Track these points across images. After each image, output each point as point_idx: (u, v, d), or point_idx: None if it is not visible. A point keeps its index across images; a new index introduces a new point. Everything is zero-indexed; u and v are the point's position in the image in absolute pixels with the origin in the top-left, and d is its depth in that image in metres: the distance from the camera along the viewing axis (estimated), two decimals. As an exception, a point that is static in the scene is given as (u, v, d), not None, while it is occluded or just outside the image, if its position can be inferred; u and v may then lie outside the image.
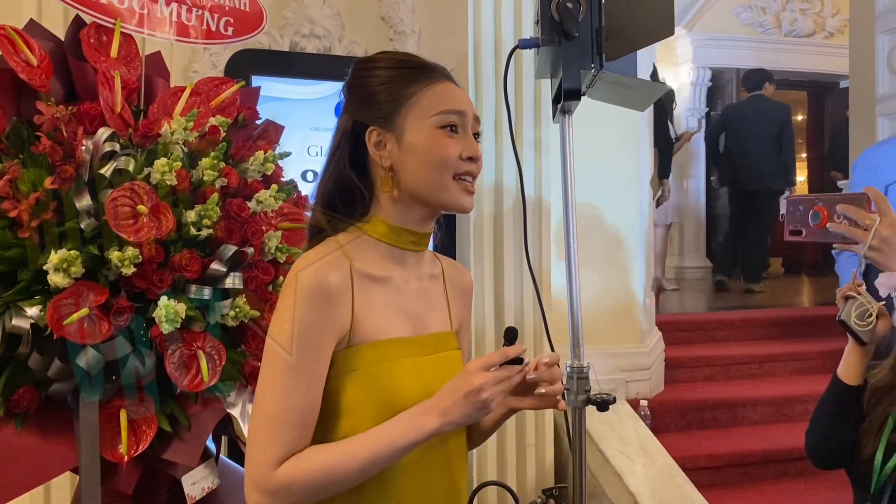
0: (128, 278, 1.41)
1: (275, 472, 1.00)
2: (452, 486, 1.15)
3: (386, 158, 1.11)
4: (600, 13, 2.02)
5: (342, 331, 1.06)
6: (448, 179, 1.10)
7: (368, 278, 1.10)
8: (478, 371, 1.02)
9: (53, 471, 1.44)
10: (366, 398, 1.06)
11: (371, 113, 1.12)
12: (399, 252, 1.15)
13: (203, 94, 1.71)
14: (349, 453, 1.02)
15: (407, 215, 1.13)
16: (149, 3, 1.69)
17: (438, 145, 1.09)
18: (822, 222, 1.38)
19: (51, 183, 1.37)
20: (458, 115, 1.11)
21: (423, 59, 1.17)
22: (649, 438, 3.18)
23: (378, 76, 1.13)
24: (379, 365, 1.08)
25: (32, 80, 1.47)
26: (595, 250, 3.62)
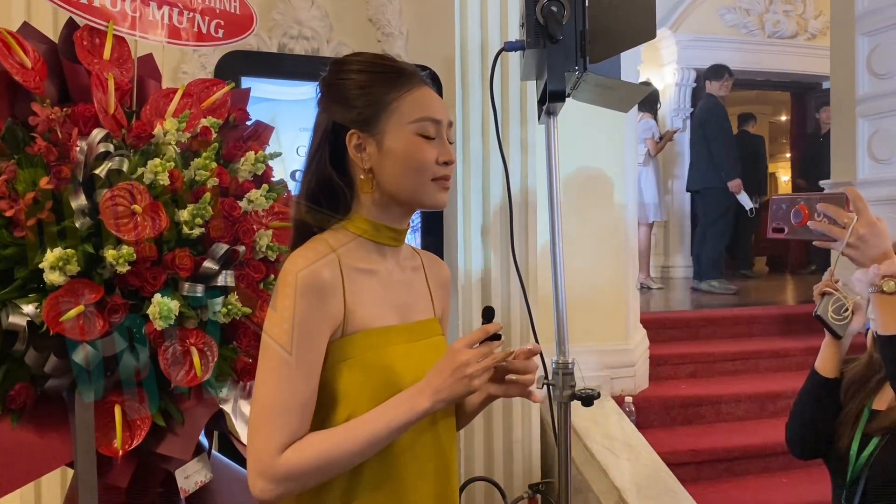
0: (122, 276, 1.44)
1: (278, 459, 1.05)
2: (443, 463, 1.20)
3: (366, 161, 1.16)
4: (584, 16, 2.06)
5: (336, 322, 1.11)
6: (426, 182, 1.16)
7: (357, 271, 1.15)
8: (462, 349, 1.09)
9: (49, 465, 1.46)
10: (361, 384, 1.11)
11: (351, 116, 1.16)
12: (380, 247, 1.21)
13: (194, 96, 1.74)
14: (348, 437, 1.07)
15: (386, 213, 1.19)
16: (141, 6, 1.72)
17: (418, 151, 1.14)
18: (803, 220, 1.44)
19: (46, 183, 1.39)
20: (434, 122, 1.17)
21: (400, 63, 1.21)
22: (634, 434, 3.24)
23: (357, 79, 1.17)
24: (372, 352, 1.13)
25: (27, 82, 1.49)
26: (581, 249, 3.67)
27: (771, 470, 3.41)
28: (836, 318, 1.50)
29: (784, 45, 7.75)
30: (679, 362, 4.12)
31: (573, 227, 3.65)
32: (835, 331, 1.53)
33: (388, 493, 1.14)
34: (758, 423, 3.67)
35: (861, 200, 1.34)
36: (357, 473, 1.12)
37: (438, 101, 1.20)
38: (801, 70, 7.83)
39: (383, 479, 1.13)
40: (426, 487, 1.18)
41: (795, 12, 7.76)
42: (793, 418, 1.68)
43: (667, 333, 4.42)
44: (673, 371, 4.07)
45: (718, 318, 4.69)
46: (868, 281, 1.34)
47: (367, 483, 1.13)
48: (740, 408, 3.76)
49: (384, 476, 1.13)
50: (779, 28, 7.74)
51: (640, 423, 3.43)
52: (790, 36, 7.79)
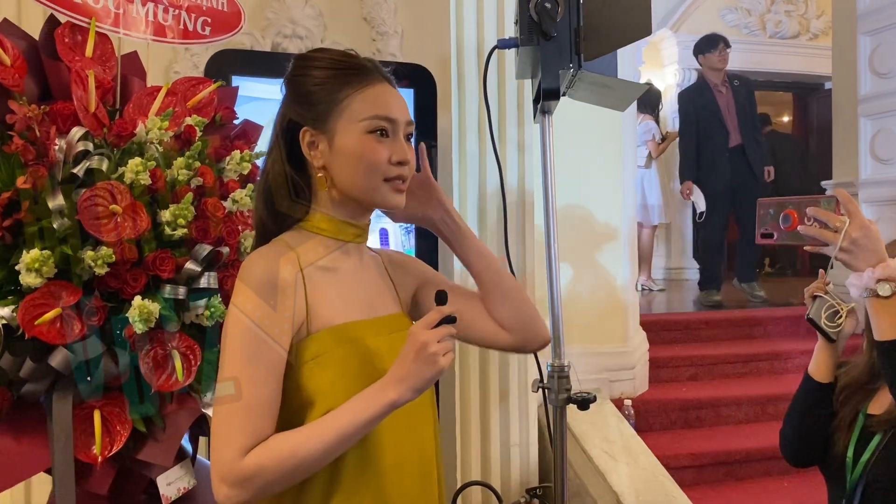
0: (101, 278, 1.41)
1: (241, 463, 1.01)
2: (425, 460, 1.19)
3: (318, 158, 1.14)
4: (578, 13, 2.03)
5: (297, 321, 1.09)
6: (378, 182, 1.14)
7: (319, 270, 1.13)
8: (420, 330, 1.06)
9: (27, 471, 1.43)
10: (333, 380, 1.09)
11: (305, 113, 1.15)
12: (343, 244, 1.19)
13: (179, 94, 1.71)
14: (313, 436, 1.04)
15: (345, 209, 1.17)
16: (124, 2, 1.69)
17: (367, 150, 1.12)
18: (792, 225, 1.40)
19: (23, 182, 1.36)
20: (387, 120, 1.14)
21: (361, 60, 1.19)
22: (633, 438, 3.20)
23: (314, 76, 1.15)
24: (341, 347, 1.11)
25: (5, 80, 1.46)
26: (579, 250, 3.64)
27: (772, 474, 3.37)
28: (829, 323, 1.47)
29: (786, 46, 7.71)
30: (680, 365, 4.09)
31: (571, 229, 3.62)
32: (828, 334, 1.49)
33: (369, 491, 1.11)
34: (759, 427, 3.64)
35: (852, 203, 1.31)
36: (337, 473, 1.09)
37: (396, 98, 1.18)
38: (803, 70, 7.79)
39: (363, 478, 1.11)
40: (408, 486, 1.15)
41: (797, 12, 7.72)
42: (786, 424, 1.64)
43: (667, 335, 4.38)
44: (673, 374, 4.04)
45: (720, 321, 4.65)
46: (862, 285, 1.30)
47: (347, 482, 1.10)
48: (741, 411, 3.72)
49: (364, 475, 1.11)
50: (780, 28, 7.70)
51: (639, 427, 3.39)
52: (792, 36, 7.75)
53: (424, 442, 1.19)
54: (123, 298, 1.44)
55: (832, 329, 1.48)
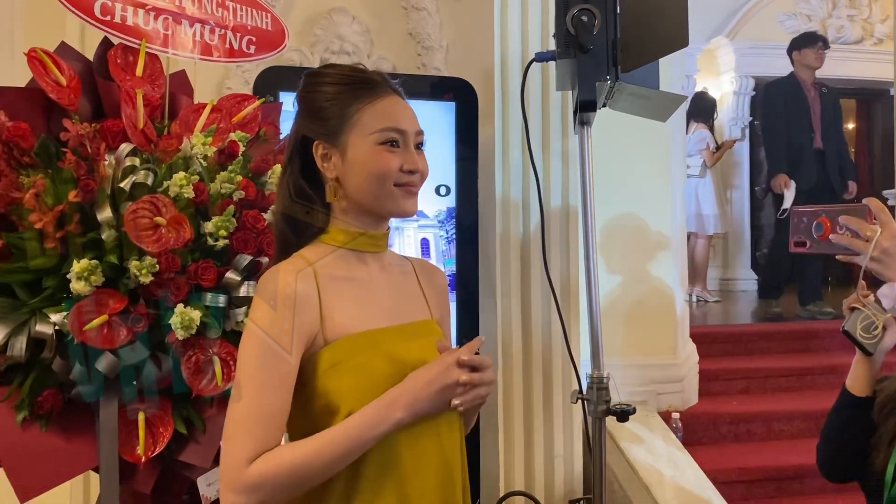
0: (146, 286, 1.48)
1: (246, 471, 1.04)
2: (446, 462, 1.19)
3: (331, 170, 1.18)
4: (616, 25, 2.04)
5: (310, 334, 1.12)
6: (389, 189, 1.17)
7: (335, 279, 1.16)
8: (453, 365, 1.09)
9: (76, 469, 1.51)
10: (352, 387, 1.11)
11: (317, 128, 1.19)
12: (360, 254, 1.22)
13: (224, 111, 1.79)
14: (318, 448, 1.07)
15: (360, 220, 1.20)
16: (173, 24, 1.77)
17: (379, 161, 1.16)
18: (825, 234, 1.39)
19: (74, 196, 1.45)
20: (397, 131, 1.18)
21: (370, 74, 1.22)
22: (679, 451, 3.16)
23: (325, 92, 1.19)
24: (361, 354, 1.13)
25: (61, 100, 1.56)
26: (627, 260, 3.62)
27: (826, 491, 3.26)
28: (865, 336, 1.44)
29: (849, 51, 7.49)
30: (731, 378, 4.00)
31: (618, 239, 3.60)
32: (864, 347, 1.46)
33: (390, 493, 1.13)
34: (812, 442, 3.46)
35: (885, 212, 1.29)
36: (358, 473, 1.12)
37: (406, 111, 1.21)
38: (867, 76, 7.55)
39: (384, 479, 1.13)
40: (430, 487, 1.17)
41: (860, 17, 7.50)
42: (823, 439, 1.61)
43: (719, 348, 4.30)
44: (724, 387, 3.96)
45: (774, 333, 4.54)
46: (894, 296, 1.28)
47: (368, 483, 1.12)
48: (794, 425, 3.62)
49: (385, 476, 1.13)
50: (843, 34, 7.49)
51: (687, 440, 3.34)
52: (855, 41, 7.53)
53: (445, 443, 1.20)
54: (167, 306, 1.52)
55: (868, 341, 1.45)
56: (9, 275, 1.46)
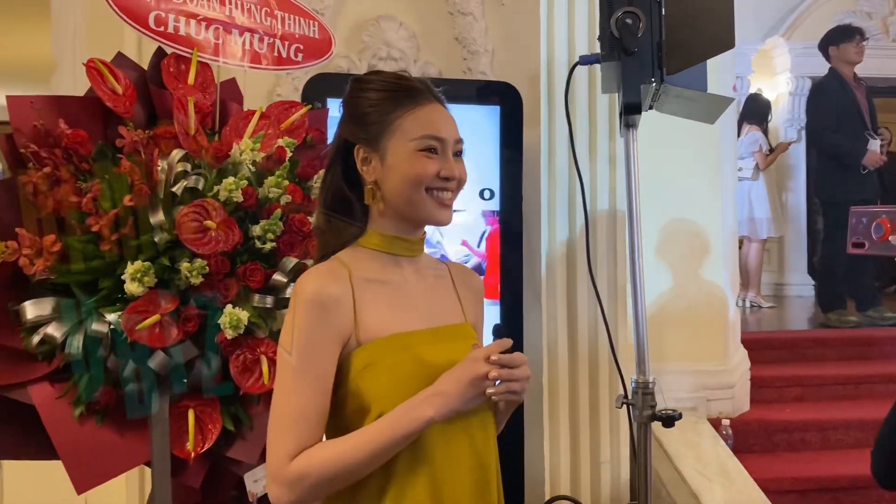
0: (196, 287, 1.53)
1: (289, 466, 1.09)
2: (479, 463, 1.21)
3: (370, 174, 1.21)
4: (661, 28, 2.03)
5: (345, 334, 1.15)
6: (424, 195, 1.19)
7: (369, 282, 1.19)
8: (482, 360, 1.11)
9: (129, 463, 1.57)
10: (385, 387, 1.14)
11: (359, 133, 1.22)
12: (395, 258, 1.24)
13: (273, 117, 1.83)
14: (354, 446, 1.11)
15: (396, 225, 1.23)
16: (224, 34, 1.83)
17: (416, 166, 1.18)
18: (884, 235, 1.37)
19: (129, 200, 1.50)
20: (436, 139, 1.20)
21: (413, 81, 1.24)
22: (729, 459, 3.11)
23: (368, 98, 1.22)
24: (393, 356, 1.16)
25: (117, 108, 1.62)
26: (676, 264, 3.58)
27: (883, 503, 3.18)
28: None
29: (914, 49, 7.26)
30: (785, 385, 3.92)
31: (668, 243, 3.56)
32: None
33: (422, 490, 1.15)
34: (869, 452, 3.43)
35: None
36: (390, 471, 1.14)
37: (446, 119, 1.23)
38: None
39: (416, 477, 1.15)
40: (463, 488, 1.18)
41: (925, 13, 7.26)
42: (877, 446, 1.57)
43: (773, 354, 4.21)
44: (777, 394, 3.87)
45: (830, 339, 4.43)
46: None
47: (400, 481, 1.14)
48: (850, 435, 3.52)
49: (416, 474, 1.15)
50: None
51: (737, 448, 3.28)
52: (921, 39, 7.29)
53: (478, 443, 1.21)
54: (216, 307, 1.57)
55: None
56: (68, 276, 1.53)
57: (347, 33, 2.95)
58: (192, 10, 1.78)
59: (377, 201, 1.21)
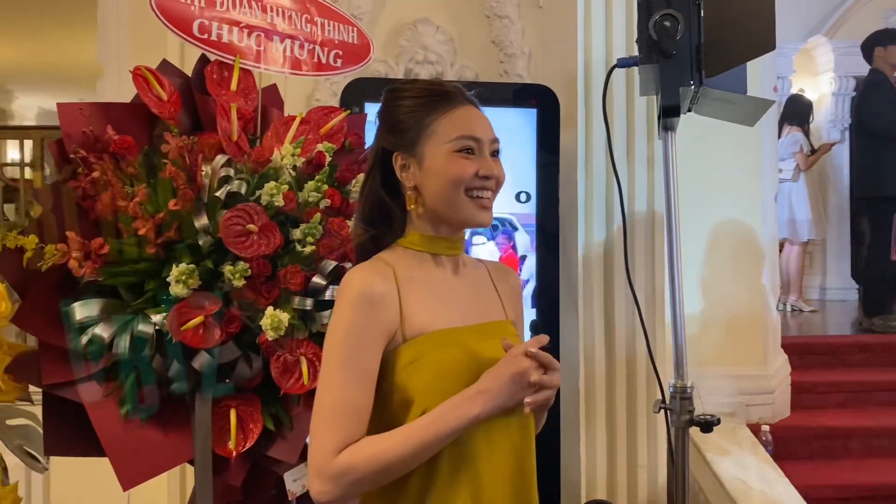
0: (239, 290, 1.56)
1: (333, 461, 1.10)
2: (519, 464, 1.21)
3: (409, 180, 1.23)
4: (700, 30, 2.01)
5: (391, 330, 1.17)
6: (463, 197, 1.20)
7: (412, 281, 1.21)
8: (522, 355, 1.12)
9: (173, 461, 1.61)
10: (429, 382, 1.15)
11: (396, 140, 1.24)
12: (436, 256, 1.26)
13: (312, 123, 1.86)
14: (399, 442, 1.12)
15: (437, 227, 1.25)
16: (265, 40, 1.86)
17: (454, 167, 1.20)
18: None
19: (174, 205, 1.54)
20: (472, 139, 1.22)
21: (446, 86, 1.26)
22: (769, 465, 3.06)
23: (403, 106, 1.24)
24: (438, 351, 1.17)
25: (162, 114, 1.66)
26: (715, 267, 3.54)
27: (930, 513, 3.12)
28: None
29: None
30: (826, 391, 3.85)
31: (706, 247, 3.52)
32: None
33: (465, 490, 1.16)
34: (914, 460, 3.37)
35: None
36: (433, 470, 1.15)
37: (480, 119, 1.25)
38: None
39: (458, 477, 1.16)
40: (503, 486, 1.19)
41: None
42: None
43: (815, 359, 4.14)
44: (819, 400, 3.81)
45: (875, 345, 4.33)
46: None
47: (442, 480, 1.15)
48: (894, 443, 3.45)
49: (459, 474, 1.16)
50: (957, 30, 7.07)
51: (777, 454, 3.23)
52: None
53: (518, 443, 1.22)
54: (258, 308, 1.60)
55: None
56: (115, 278, 1.57)
57: (385, 38, 2.97)
58: (235, 17, 1.81)
59: (418, 206, 1.23)
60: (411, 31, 3.00)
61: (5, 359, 1.62)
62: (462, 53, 3.04)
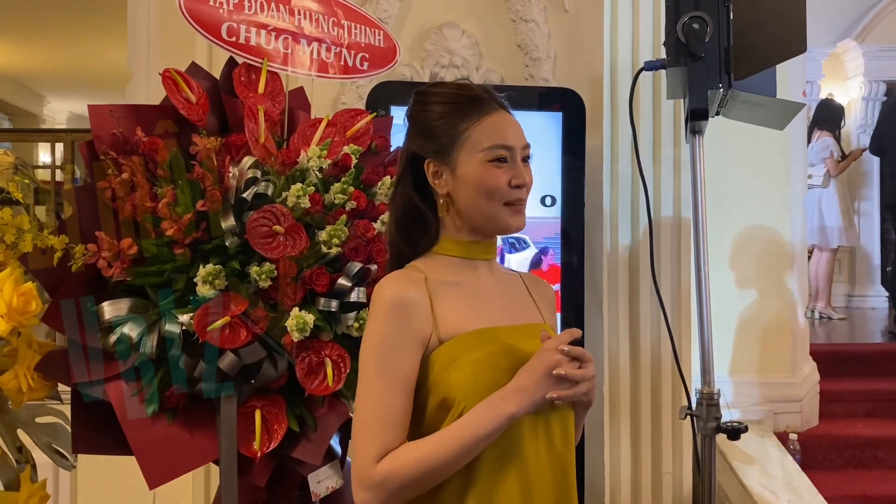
0: (265, 291, 1.57)
1: (374, 469, 1.11)
2: (560, 468, 1.21)
3: (442, 187, 1.22)
4: (729, 32, 1.99)
5: (425, 336, 1.16)
6: (498, 207, 1.20)
7: (444, 284, 1.21)
8: (554, 349, 1.12)
9: (198, 461, 1.62)
10: (468, 383, 1.15)
11: (428, 147, 1.23)
12: (470, 262, 1.25)
13: (339, 125, 1.86)
14: (439, 447, 1.11)
15: (471, 232, 1.24)
16: (292, 43, 1.87)
17: (488, 177, 1.19)
18: None
19: (201, 206, 1.55)
20: (505, 148, 1.21)
21: (476, 91, 1.25)
22: (797, 474, 3.02)
23: (434, 111, 1.23)
24: (476, 351, 1.17)
25: (191, 116, 1.68)
26: (743, 273, 3.50)
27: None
28: None
29: None
30: (856, 399, 3.79)
31: (733, 252, 3.49)
32: None
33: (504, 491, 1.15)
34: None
35: None
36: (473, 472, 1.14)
37: (513, 125, 1.24)
38: None
39: (499, 476, 1.15)
40: (545, 485, 1.18)
41: None
42: None
43: (843, 367, 4.08)
44: (849, 409, 3.75)
45: (906, 353, 4.26)
46: None
47: (483, 481, 1.14)
48: (927, 453, 3.39)
49: (500, 473, 1.15)
50: None
51: (805, 463, 3.19)
52: None
53: (557, 442, 1.20)
54: (283, 310, 1.60)
55: None
56: (143, 278, 1.59)
57: (411, 42, 2.98)
58: (263, 20, 1.83)
59: (451, 213, 1.23)
60: (437, 34, 3.01)
61: (35, 357, 1.63)
62: (488, 57, 3.04)
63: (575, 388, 1.13)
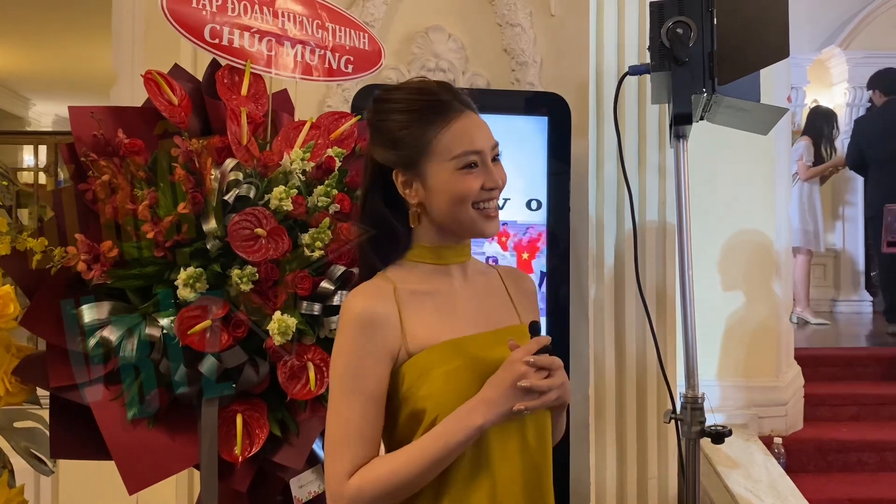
0: (246, 294, 1.56)
1: (346, 484, 1.11)
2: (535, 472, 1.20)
3: (413, 197, 1.20)
4: (712, 37, 2.00)
5: (393, 350, 1.16)
6: (472, 212, 1.18)
7: (416, 295, 1.19)
8: (520, 361, 1.10)
9: (178, 466, 1.60)
10: (440, 395, 1.14)
11: (393, 158, 1.20)
12: (443, 267, 1.24)
13: (323, 128, 1.86)
14: (408, 460, 1.11)
15: (442, 237, 1.23)
16: (276, 46, 1.86)
17: (461, 185, 1.17)
18: None
19: (183, 208, 1.54)
20: (475, 153, 1.18)
21: (439, 93, 1.20)
22: (781, 478, 3.03)
23: (396, 120, 1.19)
24: (447, 362, 1.16)
25: (173, 118, 1.66)
26: (727, 277, 3.52)
27: (946, 528, 3.07)
28: None
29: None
30: (840, 403, 3.82)
31: (718, 256, 3.50)
32: None
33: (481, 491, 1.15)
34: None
35: None
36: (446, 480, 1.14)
37: (479, 127, 1.20)
38: None
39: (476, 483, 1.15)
40: (516, 490, 1.18)
41: None
42: None
43: (827, 372, 4.11)
44: (833, 412, 3.77)
45: (888, 357, 4.28)
46: None
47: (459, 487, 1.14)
48: (910, 457, 3.41)
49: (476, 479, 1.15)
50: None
51: (790, 467, 3.20)
52: None
53: (532, 446, 1.20)
54: (265, 313, 1.59)
55: None
56: (123, 281, 1.57)
57: (397, 45, 2.97)
58: (246, 22, 1.82)
59: (422, 221, 1.21)
60: (423, 38, 3.00)
61: (13, 361, 1.61)
62: (474, 61, 3.04)
63: (542, 397, 1.11)
